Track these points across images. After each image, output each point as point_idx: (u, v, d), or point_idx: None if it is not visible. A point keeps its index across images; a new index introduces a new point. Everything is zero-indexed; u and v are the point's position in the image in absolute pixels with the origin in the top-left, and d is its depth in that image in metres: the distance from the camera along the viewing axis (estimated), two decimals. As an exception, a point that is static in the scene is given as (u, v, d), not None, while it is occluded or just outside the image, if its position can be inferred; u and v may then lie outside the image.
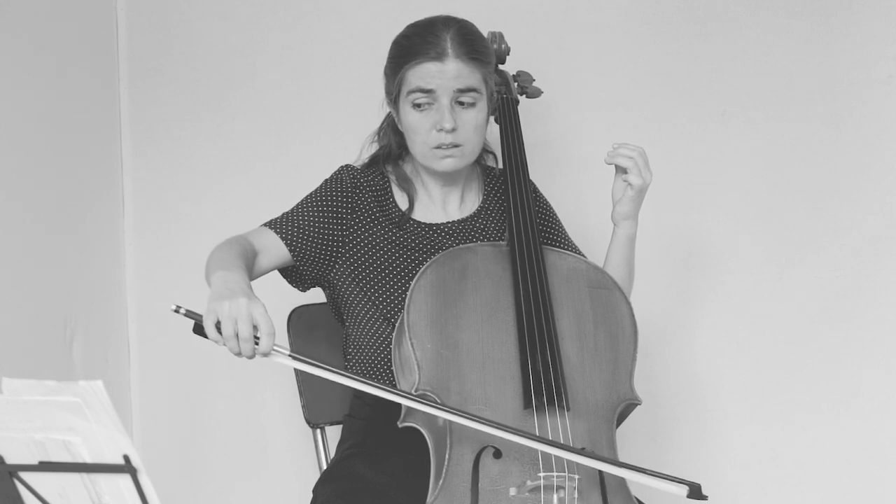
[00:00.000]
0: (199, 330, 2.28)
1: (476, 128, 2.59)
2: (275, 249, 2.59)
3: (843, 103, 3.18)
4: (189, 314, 2.27)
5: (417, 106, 2.58)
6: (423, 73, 2.56)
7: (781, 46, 3.20)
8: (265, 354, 2.27)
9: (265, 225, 2.62)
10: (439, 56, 2.56)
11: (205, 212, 3.37)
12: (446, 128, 2.56)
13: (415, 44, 2.58)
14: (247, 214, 3.34)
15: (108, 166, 3.37)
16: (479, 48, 2.60)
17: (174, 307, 2.26)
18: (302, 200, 2.65)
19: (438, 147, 2.59)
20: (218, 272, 2.36)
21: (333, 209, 2.62)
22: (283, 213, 2.63)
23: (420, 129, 2.59)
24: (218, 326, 2.26)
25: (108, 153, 3.37)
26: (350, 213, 2.64)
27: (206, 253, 3.34)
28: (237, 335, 2.25)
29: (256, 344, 2.26)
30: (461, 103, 2.57)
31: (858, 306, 3.18)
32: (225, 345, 2.27)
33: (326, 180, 2.67)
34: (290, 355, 2.27)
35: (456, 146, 2.59)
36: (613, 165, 2.65)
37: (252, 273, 2.50)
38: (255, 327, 2.26)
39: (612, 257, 2.70)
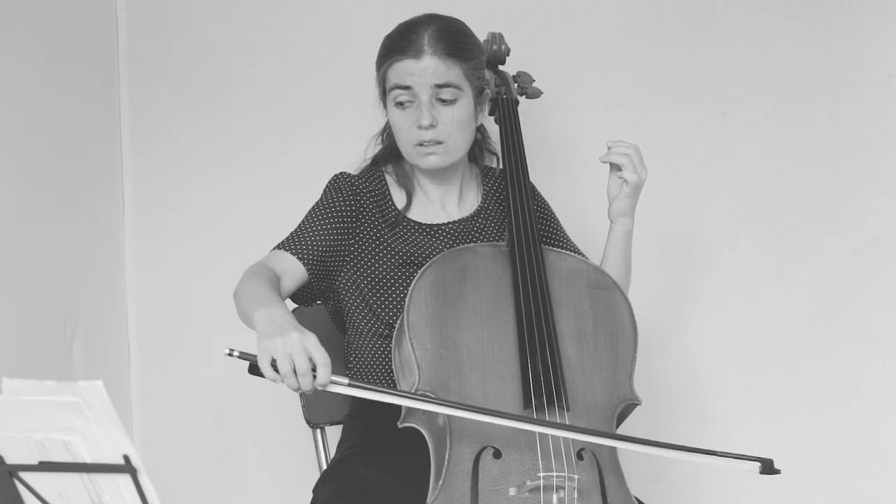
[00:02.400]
0: (254, 370, 2.25)
1: (459, 124, 2.60)
2: (294, 270, 2.58)
3: (843, 103, 3.18)
4: (243, 356, 2.24)
5: (400, 104, 2.59)
6: (400, 71, 2.58)
7: (781, 46, 3.20)
8: (323, 386, 2.25)
9: (277, 248, 2.61)
10: (416, 53, 2.57)
11: (205, 212, 3.37)
12: (424, 124, 2.57)
13: (394, 42, 2.60)
14: (247, 214, 3.35)
15: (108, 166, 3.37)
16: (458, 44, 2.60)
17: (227, 350, 2.24)
18: (306, 216, 2.64)
19: (420, 144, 2.59)
20: (260, 310, 2.33)
21: (339, 218, 2.62)
22: (291, 233, 2.62)
23: (402, 127, 2.60)
24: (273, 364, 2.24)
25: (108, 153, 3.37)
26: (355, 220, 2.63)
27: (205, 253, 3.36)
28: (294, 371, 2.24)
29: (314, 377, 2.25)
30: (442, 100, 2.58)
31: (858, 306, 3.18)
32: (283, 382, 2.24)
33: (325, 191, 2.66)
34: (349, 384, 2.26)
35: (438, 143, 2.59)
36: (608, 164, 2.66)
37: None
38: (309, 360, 2.24)
39: (609, 254, 2.71)
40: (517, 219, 2.59)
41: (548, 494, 2.31)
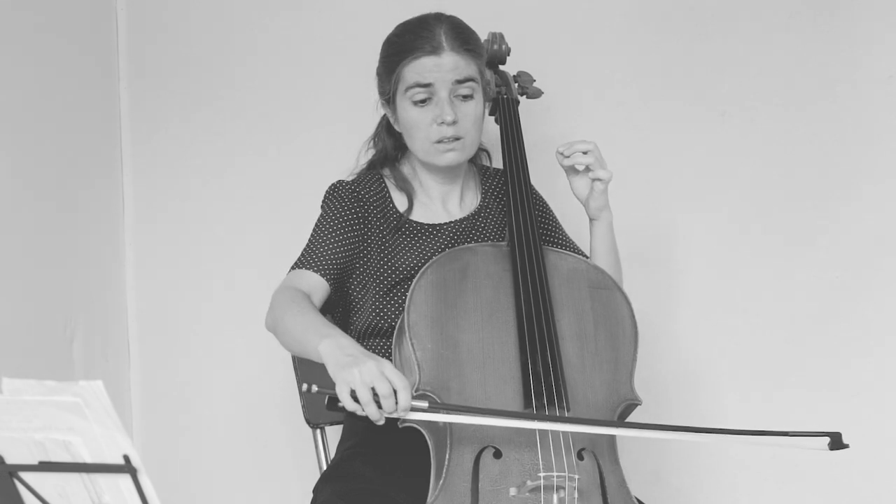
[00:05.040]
0: (333, 404, 2.24)
1: (475, 120, 2.60)
2: (319, 287, 2.55)
3: (843, 103, 3.18)
4: (321, 391, 2.22)
5: (417, 102, 2.58)
6: (420, 68, 2.57)
7: (781, 46, 3.20)
8: (405, 410, 2.23)
9: (296, 267, 2.57)
10: (435, 50, 2.56)
11: (205, 211, 3.37)
12: (447, 120, 2.56)
13: (409, 40, 2.59)
14: (247, 214, 3.34)
15: (108, 166, 3.37)
16: (472, 40, 2.62)
17: (305, 387, 2.22)
18: (315, 231, 2.61)
19: (440, 141, 2.59)
20: (323, 341, 2.30)
21: (348, 226, 2.60)
22: (305, 250, 2.59)
23: (421, 125, 2.59)
24: (353, 395, 2.23)
25: (108, 153, 3.37)
26: (362, 225, 2.61)
27: (206, 252, 3.36)
28: (374, 399, 2.22)
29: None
30: (459, 96, 2.58)
31: (859, 306, 3.17)
32: (363, 411, 2.23)
33: (327, 202, 2.64)
34: (429, 407, 2.25)
35: (457, 139, 2.59)
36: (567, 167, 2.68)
37: None
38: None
39: (599, 249, 2.71)
40: (518, 219, 2.59)
41: (548, 494, 2.30)
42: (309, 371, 2.84)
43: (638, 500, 2.46)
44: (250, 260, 3.34)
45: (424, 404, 2.25)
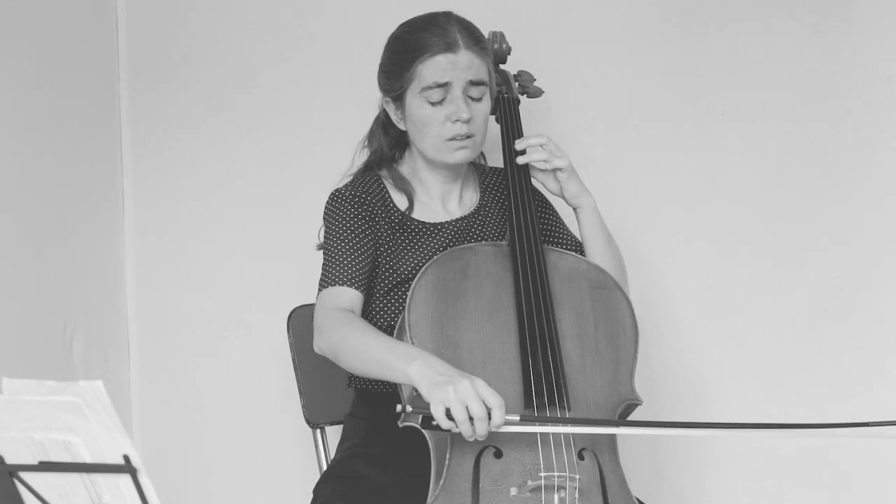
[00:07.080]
0: (427, 423, 2.25)
1: (485, 118, 2.62)
2: (357, 301, 2.53)
3: (842, 103, 3.18)
4: (416, 411, 2.24)
5: (435, 100, 2.57)
6: (436, 67, 2.56)
7: (781, 46, 3.20)
8: (498, 427, 2.24)
9: (327, 286, 2.53)
10: (450, 47, 2.56)
11: (205, 212, 3.37)
12: (463, 118, 2.56)
13: (422, 38, 2.58)
14: (247, 214, 3.34)
15: (108, 166, 3.36)
16: (482, 39, 2.63)
17: (399, 408, 2.25)
18: (330, 246, 2.58)
19: (453, 139, 2.58)
20: (413, 363, 2.30)
21: (360, 232, 2.58)
22: (327, 268, 2.55)
23: (434, 122, 2.58)
24: (447, 414, 2.24)
25: (108, 153, 3.36)
26: (371, 228, 2.60)
27: (206, 252, 3.36)
28: (469, 417, 2.23)
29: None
30: (471, 97, 2.58)
31: (858, 306, 3.17)
32: (457, 430, 2.24)
33: (332, 213, 2.60)
34: (520, 421, 2.26)
35: (469, 137, 2.59)
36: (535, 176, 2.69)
37: None
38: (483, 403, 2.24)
39: (587, 234, 2.70)
40: (518, 218, 2.59)
41: (549, 494, 2.30)
42: (309, 372, 2.85)
43: (638, 500, 2.46)
44: (250, 260, 3.33)
45: (516, 418, 2.26)
